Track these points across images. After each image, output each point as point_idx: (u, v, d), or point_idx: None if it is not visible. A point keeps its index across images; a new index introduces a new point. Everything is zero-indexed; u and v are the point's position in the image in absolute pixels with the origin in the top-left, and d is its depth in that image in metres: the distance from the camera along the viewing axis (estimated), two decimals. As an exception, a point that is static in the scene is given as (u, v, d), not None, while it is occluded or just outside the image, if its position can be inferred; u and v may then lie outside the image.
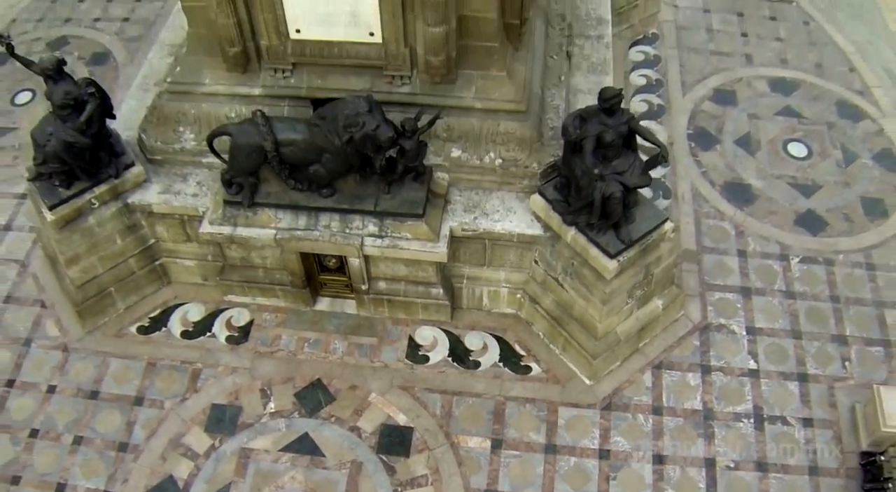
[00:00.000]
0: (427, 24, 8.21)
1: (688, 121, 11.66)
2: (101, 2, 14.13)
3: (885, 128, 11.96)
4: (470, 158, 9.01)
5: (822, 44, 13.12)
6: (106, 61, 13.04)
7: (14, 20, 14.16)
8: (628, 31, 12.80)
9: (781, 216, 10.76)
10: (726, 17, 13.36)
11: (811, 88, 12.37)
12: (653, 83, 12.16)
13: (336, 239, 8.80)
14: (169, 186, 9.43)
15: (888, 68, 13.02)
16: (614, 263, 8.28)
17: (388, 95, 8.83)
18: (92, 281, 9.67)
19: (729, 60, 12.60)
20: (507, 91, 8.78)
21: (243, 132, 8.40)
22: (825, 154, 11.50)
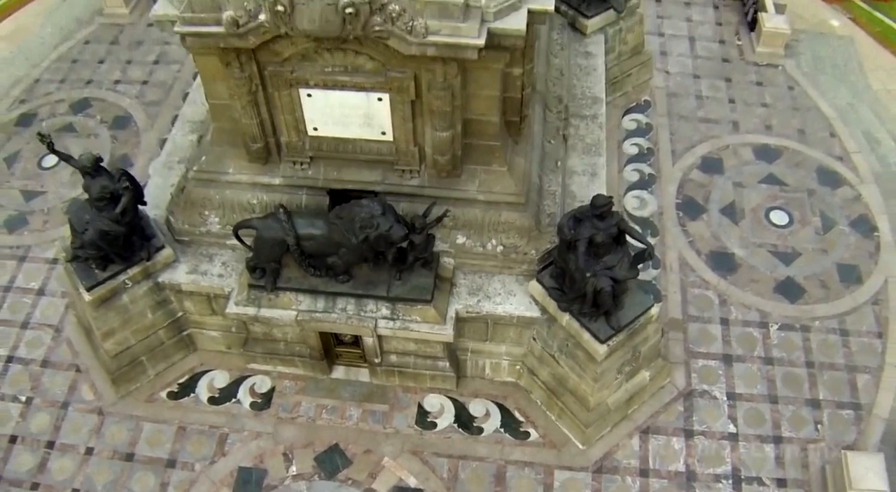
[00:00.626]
0: (435, 130, 9.23)
1: (676, 190, 12.71)
2: (121, 64, 15.15)
3: (862, 193, 13.01)
4: (474, 244, 10.05)
5: (805, 109, 14.14)
6: (127, 125, 14.06)
7: (38, 80, 15.17)
8: (622, 98, 13.82)
9: (762, 284, 11.81)
10: (715, 82, 14.40)
11: (794, 155, 13.40)
12: (644, 152, 13.20)
13: (352, 321, 9.83)
14: (196, 266, 10.46)
15: (867, 132, 14.04)
16: (605, 347, 9.33)
17: (399, 187, 9.85)
18: (125, 351, 10.72)
19: (717, 128, 13.64)
20: (507, 185, 9.80)
21: (267, 227, 9.43)
22: (805, 221, 12.55)
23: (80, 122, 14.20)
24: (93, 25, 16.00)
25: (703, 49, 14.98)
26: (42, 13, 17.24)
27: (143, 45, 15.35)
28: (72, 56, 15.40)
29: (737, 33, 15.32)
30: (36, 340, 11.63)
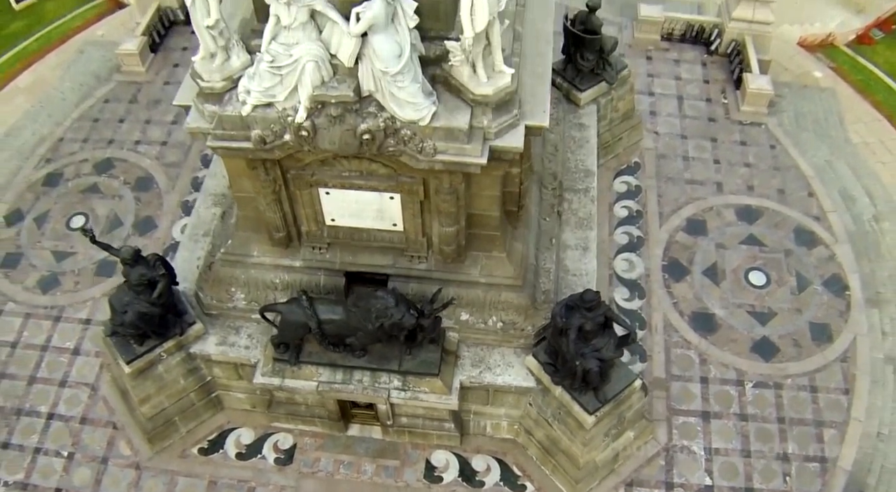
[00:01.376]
0: (441, 225, 10.57)
1: (663, 252, 14.06)
2: (140, 123, 16.41)
3: (836, 253, 14.37)
4: (476, 321, 11.41)
5: (785, 168, 15.46)
6: (149, 187, 15.35)
7: (61, 139, 16.43)
8: (613, 160, 15.12)
9: (740, 343, 13.20)
10: (701, 143, 15.71)
11: (773, 215, 14.73)
12: (633, 215, 14.52)
13: (367, 392, 11.22)
14: (224, 338, 11.81)
15: (844, 189, 15.37)
16: (593, 417, 10.73)
17: (408, 270, 11.21)
18: (160, 413, 12.11)
19: (702, 189, 14.97)
20: (507, 269, 11.15)
21: (291, 311, 10.77)
22: (782, 281, 13.91)
23: (105, 182, 15.51)
24: (111, 83, 17.30)
25: (690, 108, 16.29)
26: (60, 65, 18.52)
27: (161, 105, 16.63)
28: (93, 115, 16.67)
29: (723, 91, 16.62)
30: (74, 398, 13.02)
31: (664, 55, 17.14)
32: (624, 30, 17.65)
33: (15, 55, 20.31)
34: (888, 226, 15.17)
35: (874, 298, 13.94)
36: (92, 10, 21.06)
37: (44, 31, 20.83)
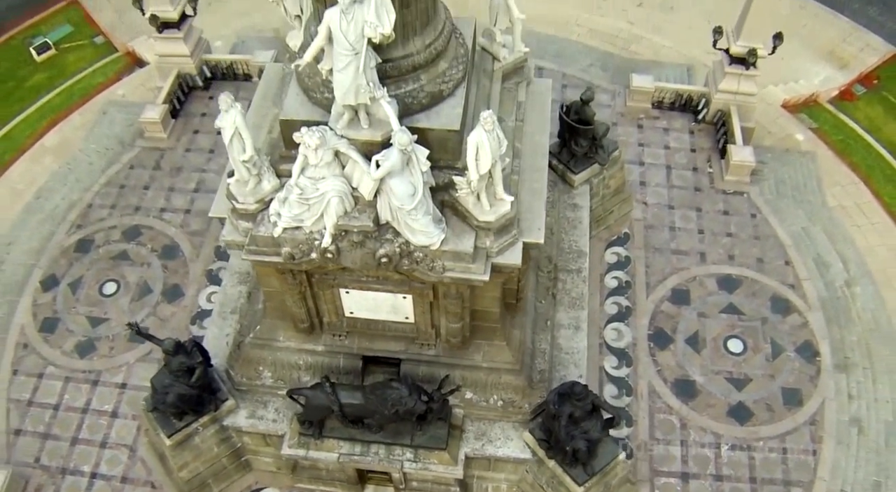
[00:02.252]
0: (448, 321, 12.23)
1: (649, 322, 15.75)
2: (164, 191, 18.02)
3: (808, 320, 16.05)
4: (479, 399, 13.12)
5: (765, 237, 17.11)
6: (175, 255, 16.99)
7: (90, 205, 18.05)
8: (605, 232, 16.75)
9: (717, 408, 14.91)
10: (687, 213, 17.34)
11: (752, 284, 16.41)
12: (623, 285, 16.18)
13: (383, 463, 12.94)
14: (254, 412, 13.51)
15: (818, 256, 17.03)
16: (582, 488, 12.46)
17: (419, 356, 12.90)
18: (195, 477, 13.82)
19: (686, 259, 16.63)
20: (506, 356, 12.83)
21: (316, 396, 12.45)
22: (757, 349, 15.60)
23: (134, 249, 17.14)
24: (135, 149, 18.89)
25: (678, 178, 17.90)
26: (84, 126, 20.10)
27: (183, 172, 18.23)
28: (119, 181, 18.27)
29: (709, 160, 18.22)
30: (114, 458, 14.74)
31: (654, 124, 18.76)
32: (617, 97, 19.29)
33: (38, 110, 21.96)
34: (859, 290, 16.87)
35: (842, 363, 15.66)
36: (111, 65, 22.70)
37: (65, 84, 22.53)
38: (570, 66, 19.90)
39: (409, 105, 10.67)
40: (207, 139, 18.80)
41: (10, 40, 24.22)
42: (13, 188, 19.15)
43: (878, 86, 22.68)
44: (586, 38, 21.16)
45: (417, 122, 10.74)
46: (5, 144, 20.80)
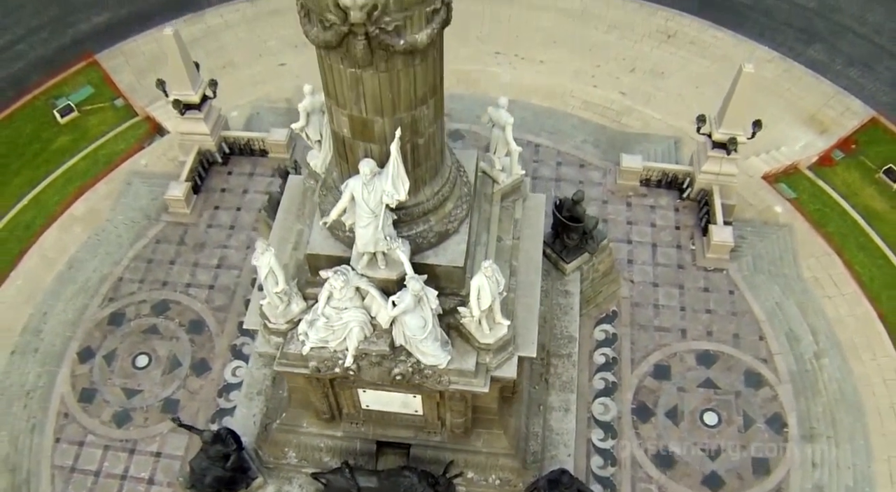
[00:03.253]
0: (452, 417, 14.27)
1: (633, 396, 17.81)
2: (189, 266, 20.00)
3: (778, 393, 18.12)
4: (479, 479, 15.28)
5: (741, 313, 19.15)
6: (202, 330, 18.99)
7: (121, 279, 20.04)
8: (594, 310, 18.77)
9: (692, 478, 17.01)
10: (670, 290, 19.37)
11: (728, 359, 18.46)
12: (610, 361, 18.25)
13: (394, 537, 15.02)
14: (280, 487, 15.69)
15: (790, 331, 19.08)
16: (569, 560, 14.57)
17: (426, 441, 15.01)
18: (227, 543, 15.92)
19: (668, 336, 18.67)
20: (503, 443, 14.95)
21: (336, 480, 14.56)
22: (731, 421, 17.67)
23: (163, 324, 19.14)
24: (160, 223, 20.87)
25: (662, 255, 19.91)
26: (110, 195, 22.05)
27: (206, 248, 20.22)
28: (147, 255, 20.27)
29: (692, 237, 20.23)
30: (152, 524, 16.85)
31: (642, 201, 20.74)
32: (608, 174, 21.27)
33: (65, 174, 23.86)
34: (827, 362, 18.95)
35: (808, 433, 17.76)
36: (133, 130, 24.57)
37: (89, 149, 24.43)
38: (564, 143, 21.86)
39: (419, 244, 12.67)
40: (227, 215, 20.83)
41: (33, 100, 26.12)
42: (45, 256, 21.17)
43: (856, 150, 24.64)
44: (580, 110, 23.10)
45: (427, 258, 12.76)
46: (35, 209, 22.82)
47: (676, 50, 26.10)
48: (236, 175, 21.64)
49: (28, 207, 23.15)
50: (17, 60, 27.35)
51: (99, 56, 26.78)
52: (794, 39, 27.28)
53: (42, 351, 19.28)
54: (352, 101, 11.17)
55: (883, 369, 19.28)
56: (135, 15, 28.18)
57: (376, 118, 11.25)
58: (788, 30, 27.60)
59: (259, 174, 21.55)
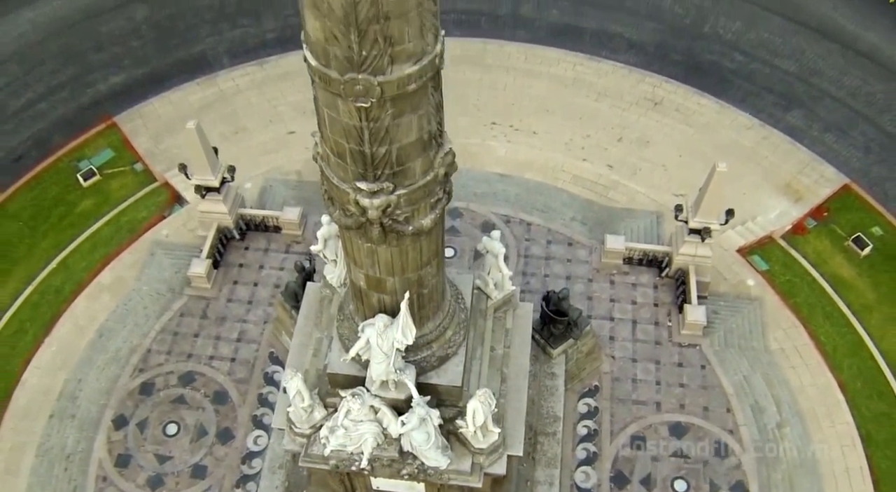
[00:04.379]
0: (451, 500, 16.95)
1: (611, 465, 20.50)
2: (212, 339, 22.57)
3: (742, 462, 20.86)
4: (474, 550, 17.88)
5: (711, 387, 21.83)
6: (225, 401, 21.62)
7: (149, 350, 22.64)
8: (578, 384, 21.44)
9: (663, 540, 19.79)
10: (647, 365, 22.05)
11: (698, 430, 21.17)
12: (591, 433, 20.97)
13: None
14: (299, 555, 18.33)
15: (755, 403, 21.81)
16: None
17: (428, 518, 17.60)
18: None
19: (644, 408, 21.36)
20: (495, 521, 17.59)
21: (350, 554, 17.21)
22: (699, 488, 20.51)
23: (189, 394, 21.78)
24: (184, 297, 23.43)
25: (641, 331, 22.54)
26: (135, 265, 24.60)
27: (227, 322, 22.80)
28: (172, 328, 22.84)
29: (669, 314, 22.84)
30: (185, 579, 19.61)
31: (625, 279, 23.34)
32: (594, 252, 23.87)
33: (90, 239, 26.32)
34: (788, 430, 21.68)
35: (767, 499, 20.57)
36: (153, 197, 27.01)
37: (112, 214, 26.87)
38: (554, 221, 24.40)
39: (423, 367, 15.27)
40: (245, 290, 23.40)
41: (57, 162, 28.58)
42: (77, 324, 23.76)
43: (828, 218, 27.20)
44: (570, 184, 25.60)
45: (430, 378, 15.37)
46: (64, 274, 25.35)
47: (662, 117, 28.61)
48: (252, 251, 24.21)
49: (57, 270, 25.76)
50: (39, 120, 29.82)
51: (118, 118, 29.26)
52: (773, 105, 29.80)
53: (79, 417, 21.98)
54: (368, 265, 13.73)
55: (840, 436, 22.08)
56: (150, 76, 30.63)
57: (388, 277, 13.81)
58: (769, 95, 30.10)
59: (273, 250, 24.11)
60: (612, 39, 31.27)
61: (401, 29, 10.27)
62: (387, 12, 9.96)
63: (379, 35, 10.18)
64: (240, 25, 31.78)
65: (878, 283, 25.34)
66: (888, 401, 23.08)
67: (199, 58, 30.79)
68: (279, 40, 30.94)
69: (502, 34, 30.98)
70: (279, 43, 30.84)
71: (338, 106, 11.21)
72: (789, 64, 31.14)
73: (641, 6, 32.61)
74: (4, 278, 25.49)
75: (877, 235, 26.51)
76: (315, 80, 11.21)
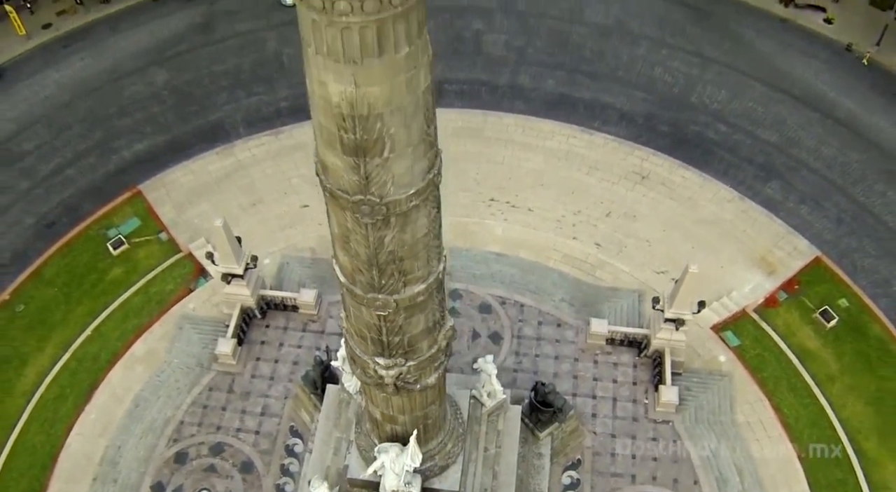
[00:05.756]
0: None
1: (591, 533, 24.18)
2: (238, 413, 26.16)
3: (706, 528, 24.51)
4: None
5: (681, 460, 25.47)
6: (251, 470, 25.26)
7: (182, 422, 26.22)
8: (562, 458, 25.05)
9: None
10: (625, 441, 25.71)
11: (668, 501, 24.79)
12: (573, 504, 24.62)
13: None
14: None
15: (720, 476, 25.50)
16: None
17: None
18: None
19: (621, 481, 25.08)
20: None
21: None
22: (667, 553, 24.09)
23: (219, 464, 25.39)
24: (212, 372, 26.96)
25: (621, 409, 26.07)
26: (165, 337, 28.08)
27: (251, 396, 26.34)
28: (202, 401, 26.40)
29: (646, 391, 26.34)
30: None
31: (607, 359, 26.83)
32: (580, 333, 27.31)
33: (122, 308, 29.79)
34: (748, 498, 25.33)
35: (725, 563, 24.27)
36: (178, 269, 30.44)
37: (140, 283, 30.30)
38: (545, 302, 27.86)
39: (427, 475, 18.89)
40: (267, 367, 26.93)
41: (87, 229, 31.97)
42: (114, 393, 27.33)
43: (799, 291, 30.60)
44: (561, 264, 29.01)
45: (433, 484, 19.02)
46: (99, 342, 28.86)
47: (648, 191, 31.91)
48: (273, 328, 27.69)
49: (92, 338, 29.30)
50: (69, 186, 33.16)
51: (142, 186, 32.61)
52: (753, 177, 33.07)
53: (120, 482, 25.65)
54: (383, 406, 17.27)
55: (796, 503, 25.83)
56: (171, 143, 33.96)
57: (399, 415, 17.35)
58: (749, 167, 33.34)
59: (292, 328, 27.58)
60: (605, 110, 34.53)
61: (412, 264, 13.71)
62: (401, 256, 13.40)
63: (395, 270, 13.63)
64: (255, 93, 35.14)
65: (842, 354, 28.85)
66: (844, 468, 26.74)
67: (217, 126, 34.13)
68: (292, 110, 34.25)
69: (501, 105, 34.27)
70: (292, 112, 34.17)
71: (361, 309, 14.64)
72: (770, 134, 34.35)
73: (632, 75, 35.78)
74: (43, 343, 29.10)
75: (843, 307, 29.97)
76: (343, 291, 14.62)
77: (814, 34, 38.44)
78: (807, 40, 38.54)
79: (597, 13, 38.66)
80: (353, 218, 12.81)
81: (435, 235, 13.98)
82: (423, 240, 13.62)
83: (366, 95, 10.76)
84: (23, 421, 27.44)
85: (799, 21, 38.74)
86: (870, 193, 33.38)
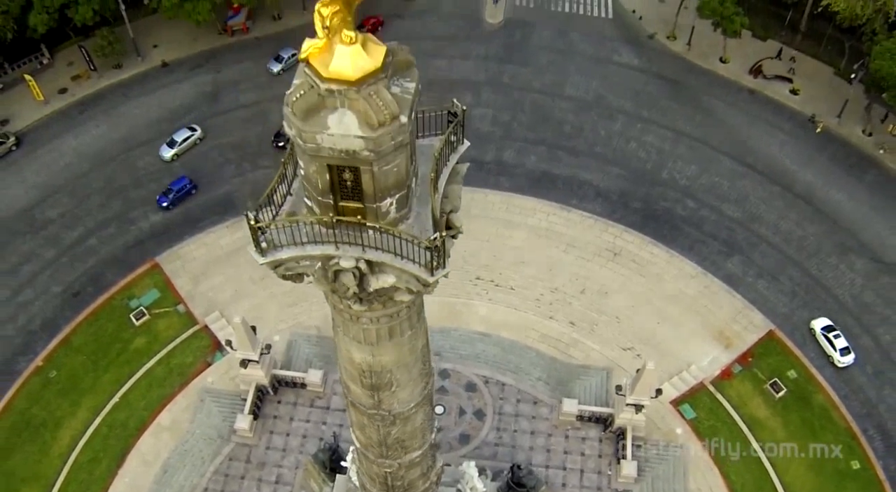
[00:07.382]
0: None
1: None
2: (255, 481, 31.65)
3: None
4: None
5: (639, 526, 30.58)
6: (268, 534, 30.30)
7: (206, 489, 31.11)
8: (537, 525, 30.14)
9: None
10: (591, 509, 30.70)
11: (625, 560, 30.08)
12: (546, 563, 29.82)
13: None
14: None
15: (671, 536, 30.62)
16: None
17: None
18: None
19: (586, 544, 30.15)
20: None
21: None
22: None
23: (240, 530, 30.46)
24: (231, 444, 31.90)
25: (587, 479, 31.27)
26: (188, 408, 32.96)
27: (266, 467, 31.31)
28: (223, 470, 31.38)
29: (609, 464, 31.41)
30: None
31: (577, 433, 31.93)
32: (554, 410, 32.22)
33: (146, 378, 34.66)
34: (694, 556, 30.69)
35: None
36: (196, 341, 35.19)
37: (162, 353, 34.99)
38: (523, 381, 32.87)
39: (421, 564, 23.87)
40: (280, 439, 31.86)
41: (111, 300, 36.59)
42: (144, 459, 32.28)
43: (752, 364, 35.64)
44: (538, 342, 33.91)
45: (425, 571, 24.00)
46: (127, 410, 33.77)
47: (620, 268, 36.71)
48: (284, 404, 32.57)
49: (120, 405, 34.20)
50: (91, 256, 37.68)
51: (160, 258, 37.18)
52: (716, 253, 37.87)
53: (154, 543, 30.83)
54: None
55: (737, 562, 31.24)
56: (185, 216, 38.44)
57: (399, 526, 22.29)
58: (713, 242, 38.12)
59: (301, 404, 32.52)
60: (582, 187, 39.16)
61: (412, 441, 18.57)
62: (403, 439, 18.25)
63: (398, 446, 18.50)
64: (260, 166, 39.43)
65: (788, 422, 34.06)
66: (783, 528, 32.20)
67: (226, 200, 38.62)
68: (295, 185, 38.38)
69: (487, 182, 38.78)
70: (295, 188, 38.30)
71: (372, 467, 19.53)
72: (734, 209, 39.05)
73: (609, 150, 40.32)
74: (75, 408, 33.98)
75: (791, 378, 35.05)
76: (359, 453, 19.48)
77: (780, 105, 43.00)
78: (773, 111, 43.09)
79: (577, 87, 43.14)
80: (368, 419, 17.67)
81: (428, 418, 18.87)
82: (420, 427, 18.49)
83: (380, 361, 15.57)
84: (60, 481, 32.54)
85: (766, 92, 43.28)
86: (823, 266, 38.24)
